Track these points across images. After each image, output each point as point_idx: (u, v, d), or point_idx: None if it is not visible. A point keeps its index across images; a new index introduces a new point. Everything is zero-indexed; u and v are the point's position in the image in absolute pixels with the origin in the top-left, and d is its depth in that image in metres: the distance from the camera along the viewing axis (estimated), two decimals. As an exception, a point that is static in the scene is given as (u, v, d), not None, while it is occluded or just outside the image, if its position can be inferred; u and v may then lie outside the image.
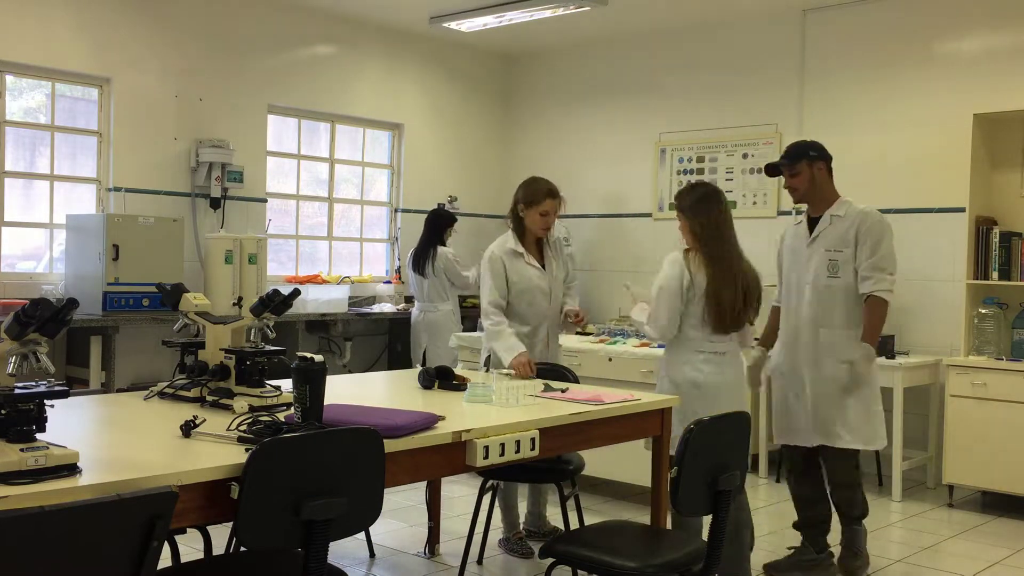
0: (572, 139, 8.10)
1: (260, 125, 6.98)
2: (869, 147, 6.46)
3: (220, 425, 2.67)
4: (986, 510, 5.51)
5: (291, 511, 2.30)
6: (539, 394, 3.59)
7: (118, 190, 6.22)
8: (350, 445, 2.45)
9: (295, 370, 2.65)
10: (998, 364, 5.43)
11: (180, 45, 6.49)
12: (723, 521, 2.95)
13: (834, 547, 4.30)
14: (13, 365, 2.26)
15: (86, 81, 6.20)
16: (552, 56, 8.24)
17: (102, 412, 3.17)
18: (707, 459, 2.91)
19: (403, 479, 2.79)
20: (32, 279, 6.00)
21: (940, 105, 6.17)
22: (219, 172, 6.50)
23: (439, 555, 4.47)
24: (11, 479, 2.04)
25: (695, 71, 7.36)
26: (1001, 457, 5.35)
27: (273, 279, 6.62)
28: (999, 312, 5.64)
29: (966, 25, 6.13)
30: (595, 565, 2.84)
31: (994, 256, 5.62)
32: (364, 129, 7.79)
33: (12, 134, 5.95)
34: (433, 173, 8.07)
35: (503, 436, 2.95)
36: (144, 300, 5.75)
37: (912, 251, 6.26)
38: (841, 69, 6.62)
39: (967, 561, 4.56)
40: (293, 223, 7.36)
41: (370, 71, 7.63)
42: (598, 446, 3.55)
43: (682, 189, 4.01)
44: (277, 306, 3.23)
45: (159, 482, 2.10)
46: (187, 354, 3.37)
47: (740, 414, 3.18)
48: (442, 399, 3.48)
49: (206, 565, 3.08)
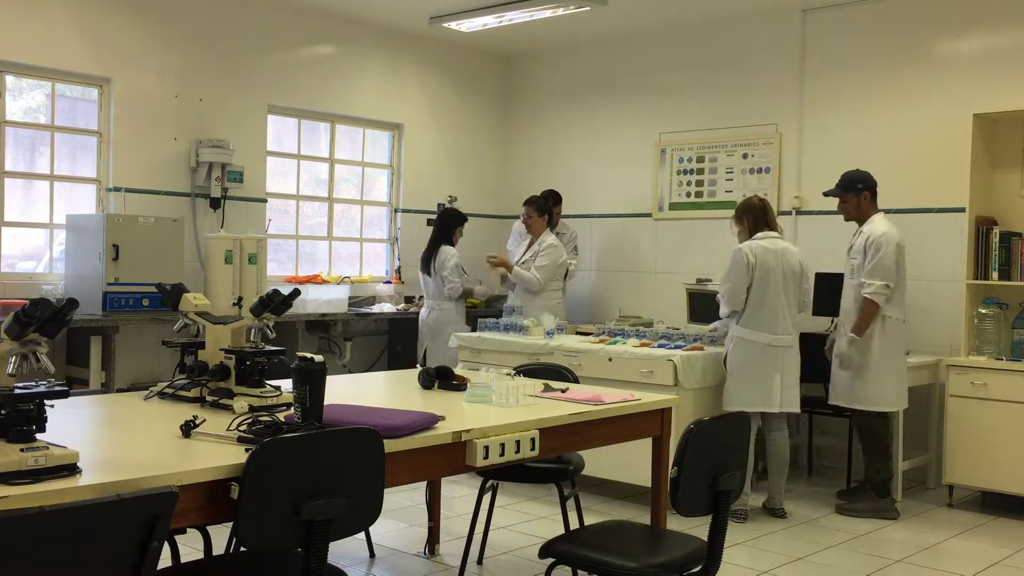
0: (572, 139, 8.10)
1: (260, 125, 6.98)
2: (869, 147, 6.45)
3: (220, 425, 2.67)
4: (986, 510, 5.51)
5: (291, 511, 2.30)
6: (539, 394, 3.59)
7: (118, 190, 6.22)
8: (350, 445, 2.45)
9: (295, 370, 2.65)
10: (998, 364, 5.43)
11: (180, 45, 6.49)
12: (723, 521, 2.95)
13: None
14: (13, 365, 2.26)
15: (86, 81, 6.20)
16: (552, 56, 8.24)
17: (102, 412, 3.17)
18: (707, 459, 2.91)
19: (403, 479, 2.79)
20: (32, 279, 6.00)
21: (940, 105, 6.17)
22: (219, 172, 6.50)
23: (439, 555, 4.47)
24: (11, 479, 2.04)
25: (695, 71, 7.36)
26: (1001, 457, 5.35)
27: (273, 279, 6.62)
28: (999, 312, 5.64)
29: (966, 25, 6.13)
30: (595, 565, 2.84)
31: (994, 256, 5.61)
32: (364, 129, 7.79)
33: (12, 134, 5.95)
34: (433, 173, 8.07)
35: (503, 436, 2.95)
36: (144, 300, 5.75)
37: (912, 251, 6.24)
38: (841, 69, 6.62)
39: (967, 561, 4.56)
40: (293, 223, 7.37)
41: (370, 71, 7.63)
42: (598, 446, 3.56)
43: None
44: (277, 306, 3.23)
45: (159, 482, 2.10)
46: (187, 354, 3.37)
47: (740, 414, 3.18)
48: (442, 399, 3.48)
49: (206, 565, 3.08)
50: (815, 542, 4.80)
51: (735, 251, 5.23)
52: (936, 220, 6.17)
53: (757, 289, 5.14)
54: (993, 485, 5.48)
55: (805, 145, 6.78)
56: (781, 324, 5.17)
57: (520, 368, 4.22)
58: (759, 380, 5.14)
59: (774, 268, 5.16)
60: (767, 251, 5.18)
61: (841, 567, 4.44)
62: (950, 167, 5.97)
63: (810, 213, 6.72)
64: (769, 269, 5.15)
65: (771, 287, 5.15)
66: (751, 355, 5.16)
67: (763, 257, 5.16)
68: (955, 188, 5.88)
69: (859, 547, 4.76)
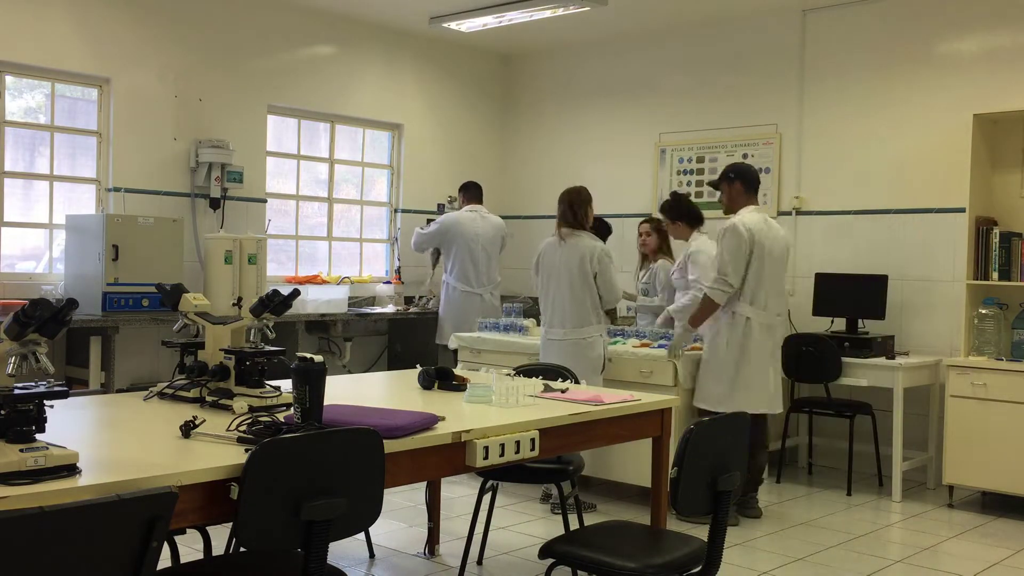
0: (572, 139, 8.10)
1: (260, 125, 6.97)
2: (869, 147, 6.46)
3: (220, 426, 2.67)
4: (986, 510, 5.51)
5: (291, 511, 2.30)
6: (539, 394, 3.59)
7: (118, 190, 6.21)
8: (350, 446, 2.45)
9: (295, 370, 2.65)
10: (998, 364, 5.43)
11: (180, 45, 6.48)
12: (723, 521, 2.94)
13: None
14: (13, 365, 2.26)
15: (86, 81, 6.20)
16: (552, 56, 8.24)
17: (102, 412, 3.17)
18: (707, 459, 2.91)
19: (403, 479, 2.79)
20: (32, 279, 5.99)
21: (940, 105, 6.17)
22: (219, 172, 6.49)
23: (439, 555, 4.47)
24: (11, 479, 2.04)
25: (695, 71, 7.36)
26: (1001, 457, 5.35)
27: (273, 279, 6.62)
28: (999, 312, 5.64)
29: (966, 25, 6.13)
30: (595, 565, 2.84)
31: (994, 256, 5.61)
32: (364, 129, 7.79)
33: (12, 134, 5.95)
34: (433, 173, 8.07)
35: (503, 436, 2.94)
36: (144, 300, 5.74)
37: (912, 251, 6.27)
38: (841, 69, 6.62)
39: (967, 561, 4.56)
40: (293, 223, 7.36)
41: (370, 71, 7.63)
42: (598, 446, 3.56)
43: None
44: (277, 306, 3.23)
45: (159, 482, 2.10)
46: (187, 354, 3.37)
47: (740, 414, 3.18)
48: (442, 399, 3.48)
49: (206, 565, 3.07)
50: (815, 542, 4.80)
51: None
52: (936, 220, 6.16)
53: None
54: (993, 485, 5.47)
55: (805, 145, 6.78)
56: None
57: (520, 368, 4.23)
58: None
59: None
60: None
61: (841, 567, 4.44)
62: (950, 167, 5.97)
63: (810, 213, 6.72)
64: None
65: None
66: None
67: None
68: (955, 188, 5.88)
69: (859, 547, 4.76)
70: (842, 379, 5.84)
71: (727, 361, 5.02)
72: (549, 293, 5.26)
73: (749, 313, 5.00)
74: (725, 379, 5.02)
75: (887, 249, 6.34)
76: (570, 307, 5.15)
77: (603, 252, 5.14)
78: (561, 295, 5.19)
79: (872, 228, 6.43)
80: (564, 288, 5.17)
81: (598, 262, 5.10)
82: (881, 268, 6.25)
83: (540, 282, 5.32)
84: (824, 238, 6.64)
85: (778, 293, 5.13)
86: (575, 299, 5.14)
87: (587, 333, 5.14)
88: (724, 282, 4.94)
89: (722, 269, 4.97)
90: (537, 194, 8.17)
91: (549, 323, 5.26)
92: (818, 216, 6.67)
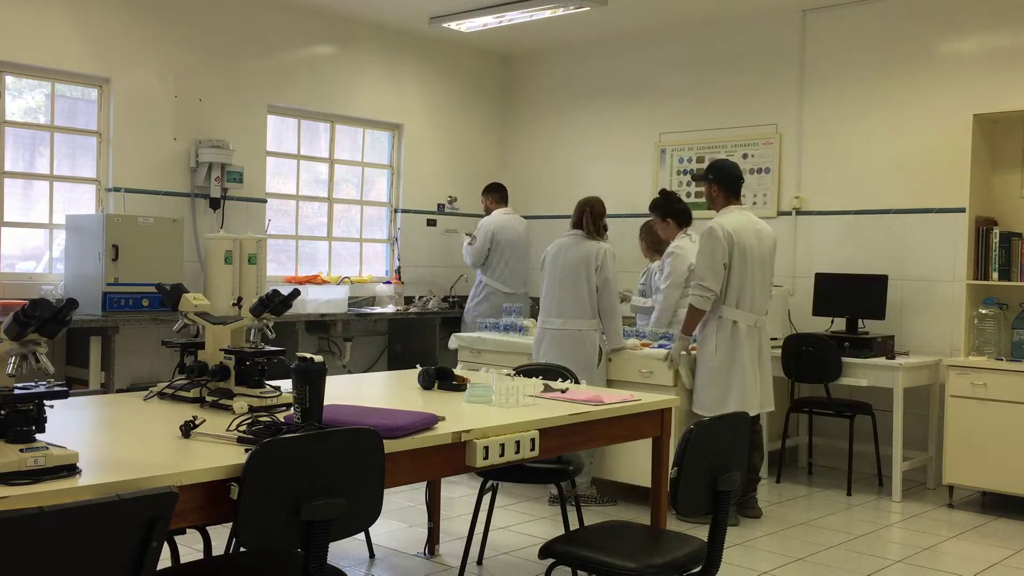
0: (572, 139, 8.10)
1: (260, 125, 6.97)
2: (869, 147, 6.46)
3: (220, 426, 2.67)
4: (986, 510, 5.51)
5: (291, 511, 2.30)
6: (539, 394, 3.59)
7: (118, 190, 6.21)
8: (350, 446, 2.45)
9: (295, 370, 2.65)
10: (998, 364, 5.43)
11: (180, 45, 6.48)
12: (723, 521, 2.94)
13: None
14: (13, 365, 2.26)
15: (86, 81, 6.20)
16: (552, 56, 8.24)
17: (102, 412, 3.17)
18: (707, 459, 2.91)
19: (403, 479, 2.79)
20: (32, 279, 5.99)
21: (940, 105, 6.17)
22: (219, 172, 6.49)
23: (439, 555, 4.46)
24: (11, 479, 2.04)
25: (695, 71, 7.36)
26: (1001, 457, 5.35)
27: (273, 279, 6.62)
28: (999, 312, 5.64)
29: (966, 25, 6.13)
30: (595, 565, 2.84)
31: (994, 256, 5.61)
32: (364, 129, 7.79)
33: (12, 134, 5.95)
34: (433, 173, 8.07)
35: (503, 436, 2.94)
36: (144, 300, 5.75)
37: (912, 251, 6.27)
38: (841, 69, 6.62)
39: (967, 561, 4.56)
40: (293, 223, 7.36)
41: (370, 71, 7.62)
42: (598, 446, 3.56)
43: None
44: (277, 306, 3.23)
45: (159, 482, 2.10)
46: (187, 354, 3.37)
47: (740, 414, 3.18)
48: (442, 399, 3.47)
49: (206, 565, 3.07)
50: (815, 542, 4.80)
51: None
52: (936, 220, 6.16)
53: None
54: (993, 485, 5.47)
55: (805, 145, 6.78)
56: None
57: (520, 368, 4.22)
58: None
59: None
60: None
61: (841, 567, 4.44)
62: (950, 167, 5.97)
63: (810, 213, 6.72)
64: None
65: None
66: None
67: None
68: (955, 188, 5.88)
69: (859, 547, 4.76)
70: (842, 379, 5.84)
71: (717, 367, 5.02)
72: (552, 287, 5.35)
73: (735, 316, 5.00)
74: (717, 385, 5.02)
75: (887, 249, 6.34)
76: (569, 300, 5.25)
77: (608, 252, 5.26)
78: (563, 288, 5.29)
79: (872, 228, 6.43)
80: (567, 281, 5.27)
81: (602, 259, 5.22)
82: (881, 268, 6.25)
83: (545, 276, 5.43)
84: (824, 238, 6.64)
85: (764, 293, 5.14)
86: (575, 292, 5.24)
87: (582, 326, 5.21)
88: (702, 287, 4.97)
89: (699, 274, 5.01)
90: (537, 194, 8.18)
91: (547, 313, 5.36)
92: (818, 216, 6.67)
